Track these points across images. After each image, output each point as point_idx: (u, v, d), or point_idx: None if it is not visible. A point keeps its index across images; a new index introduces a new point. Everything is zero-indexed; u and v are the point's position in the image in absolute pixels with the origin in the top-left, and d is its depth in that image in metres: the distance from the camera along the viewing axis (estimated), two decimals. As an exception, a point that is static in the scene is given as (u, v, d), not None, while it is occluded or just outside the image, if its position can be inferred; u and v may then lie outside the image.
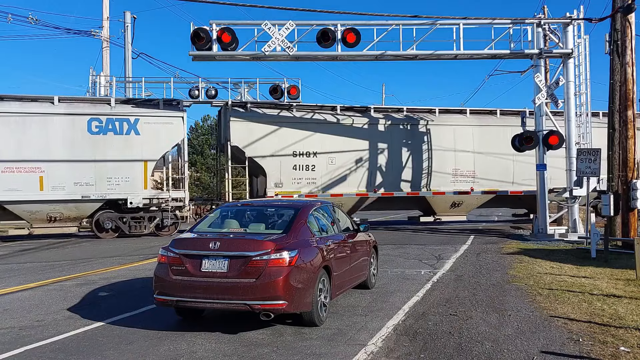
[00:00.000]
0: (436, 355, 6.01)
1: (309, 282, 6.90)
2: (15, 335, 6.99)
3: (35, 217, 19.76)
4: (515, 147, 19.28)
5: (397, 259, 13.45)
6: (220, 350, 6.22)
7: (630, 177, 14.98)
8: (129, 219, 20.44)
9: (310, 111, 22.79)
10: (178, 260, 6.93)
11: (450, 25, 17.83)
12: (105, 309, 8.40)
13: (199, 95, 21.39)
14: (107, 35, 27.87)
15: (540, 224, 18.08)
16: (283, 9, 33.68)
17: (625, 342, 6.37)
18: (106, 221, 20.21)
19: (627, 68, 15.17)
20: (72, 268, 12.84)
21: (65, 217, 20.05)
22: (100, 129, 20.08)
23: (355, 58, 18.52)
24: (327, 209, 8.72)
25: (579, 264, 12.39)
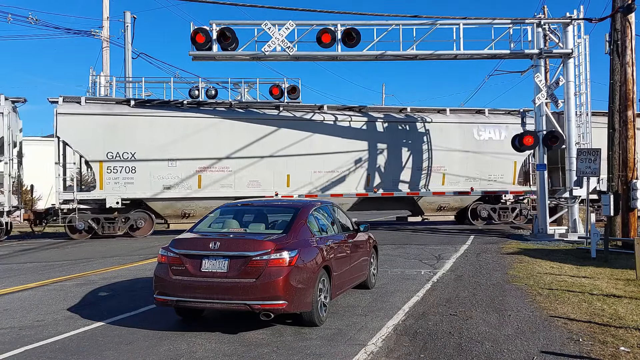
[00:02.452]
0: (436, 355, 6.01)
1: (309, 282, 6.90)
2: (15, 335, 6.99)
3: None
4: (515, 147, 19.28)
5: (397, 259, 13.45)
6: (220, 350, 6.22)
7: (630, 177, 14.98)
8: None
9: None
10: (178, 260, 6.94)
11: (450, 25, 17.83)
12: (105, 309, 8.41)
13: (199, 95, 21.33)
14: (107, 35, 27.88)
15: (540, 224, 18.08)
16: (283, 9, 33.57)
17: (625, 342, 6.37)
18: None
19: (627, 68, 15.17)
20: (72, 268, 12.84)
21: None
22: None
23: (355, 58, 18.51)
24: (327, 209, 8.72)
25: (579, 264, 12.39)
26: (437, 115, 23.66)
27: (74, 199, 19.50)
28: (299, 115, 22.29)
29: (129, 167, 20.11)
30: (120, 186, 20.00)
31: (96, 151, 19.95)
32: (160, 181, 20.41)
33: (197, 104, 21.23)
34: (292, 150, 21.64)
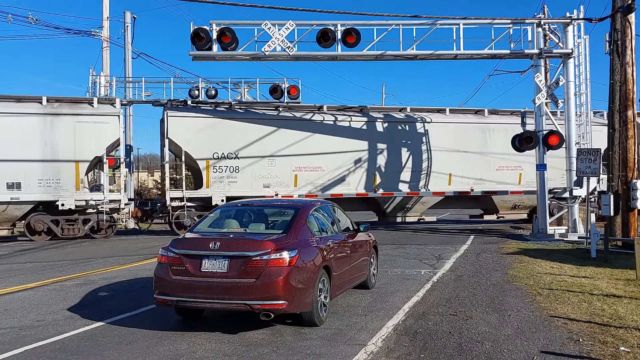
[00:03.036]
0: (436, 355, 6.01)
1: (309, 282, 6.90)
2: (15, 335, 6.99)
3: None
4: (515, 147, 19.29)
5: (397, 259, 13.45)
6: (220, 350, 6.22)
7: (630, 177, 14.98)
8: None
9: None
10: (178, 260, 6.94)
11: (450, 25, 17.83)
12: (105, 309, 8.41)
13: (199, 95, 21.38)
14: (107, 35, 27.89)
15: (540, 224, 18.09)
16: (283, 9, 33.71)
17: (625, 342, 6.37)
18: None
19: (627, 68, 15.17)
20: (72, 268, 12.85)
21: None
22: None
23: (355, 58, 18.51)
24: (327, 209, 8.72)
25: (579, 264, 12.39)
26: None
27: (183, 197, 20.51)
28: (381, 116, 23.09)
29: (233, 166, 21.18)
30: (225, 185, 21.04)
31: (203, 151, 20.93)
32: (260, 180, 21.45)
33: (289, 107, 22.30)
34: (382, 153, 22.82)
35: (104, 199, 19.87)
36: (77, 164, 19.49)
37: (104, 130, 19.95)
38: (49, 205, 19.51)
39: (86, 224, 19.88)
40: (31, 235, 19.52)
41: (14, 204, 19.00)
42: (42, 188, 19.16)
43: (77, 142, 19.52)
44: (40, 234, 19.59)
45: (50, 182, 19.23)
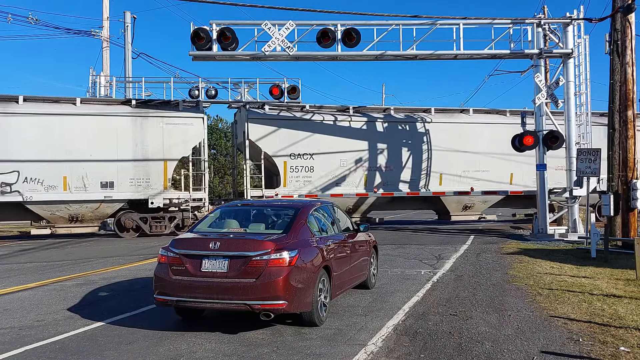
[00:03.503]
0: (436, 355, 6.01)
1: (309, 282, 6.90)
2: (15, 335, 6.99)
3: None
4: (515, 147, 19.29)
5: (397, 259, 13.45)
6: (220, 350, 6.22)
7: (630, 177, 14.98)
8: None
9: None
10: (178, 260, 6.93)
11: (450, 25, 17.83)
12: (105, 309, 8.40)
13: (199, 95, 21.42)
14: (107, 35, 27.90)
15: (540, 224, 18.08)
16: (283, 9, 33.67)
17: (625, 342, 6.37)
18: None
19: (627, 68, 15.17)
20: (72, 268, 12.85)
21: None
22: None
23: (355, 58, 18.51)
24: (327, 209, 8.72)
25: (579, 264, 12.39)
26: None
27: (262, 195, 21.57)
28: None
29: (308, 166, 22.15)
30: (300, 184, 22.10)
31: (281, 152, 21.97)
32: (332, 179, 22.40)
33: (356, 111, 23.21)
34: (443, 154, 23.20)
35: (189, 197, 20.91)
36: (165, 163, 20.51)
37: (189, 132, 20.93)
38: (136, 203, 20.50)
39: (172, 222, 20.85)
40: (120, 232, 20.48)
41: (107, 202, 19.96)
42: (133, 187, 20.18)
43: (165, 143, 20.52)
44: (128, 231, 20.59)
45: (141, 181, 20.26)
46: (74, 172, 19.40)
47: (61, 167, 19.23)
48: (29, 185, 18.96)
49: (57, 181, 19.26)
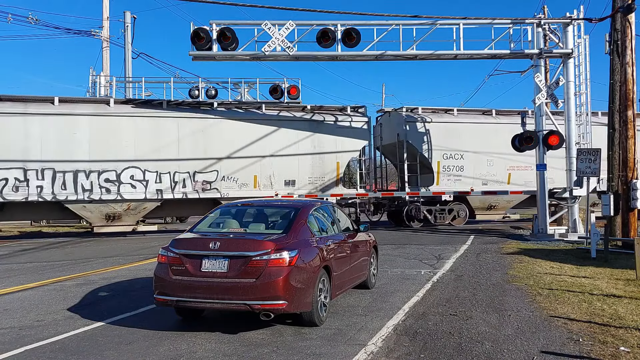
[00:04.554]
0: (436, 355, 6.01)
1: (309, 282, 6.90)
2: (15, 335, 6.99)
3: None
4: (515, 147, 19.28)
5: (397, 259, 13.45)
6: (220, 350, 6.22)
7: (630, 177, 14.98)
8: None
9: None
10: (178, 260, 6.93)
11: (450, 25, 17.83)
12: (105, 309, 8.40)
13: (199, 95, 21.37)
14: (107, 35, 27.89)
15: (540, 224, 18.08)
16: (283, 9, 33.73)
17: (625, 342, 6.37)
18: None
19: (627, 68, 15.17)
20: (72, 268, 12.84)
21: None
22: None
23: (355, 58, 18.51)
24: (327, 209, 8.72)
25: (579, 264, 12.38)
26: None
27: (418, 193, 23.28)
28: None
29: (458, 165, 23.63)
30: (451, 182, 23.53)
31: (435, 152, 23.44)
32: (479, 178, 23.80)
33: (498, 112, 24.74)
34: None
35: (355, 194, 22.90)
36: (337, 163, 22.40)
37: (357, 134, 22.84)
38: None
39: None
40: None
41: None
42: (310, 185, 22.23)
43: (337, 145, 22.44)
44: None
45: (317, 179, 22.34)
46: (263, 172, 21.61)
47: (253, 168, 21.44)
48: (225, 183, 21.18)
49: (249, 179, 21.49)
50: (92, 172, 19.61)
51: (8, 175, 18.86)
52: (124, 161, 20.00)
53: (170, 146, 20.59)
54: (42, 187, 19.16)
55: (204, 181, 20.80)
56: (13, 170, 18.93)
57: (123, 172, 19.97)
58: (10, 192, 18.90)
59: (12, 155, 18.92)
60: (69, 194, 19.41)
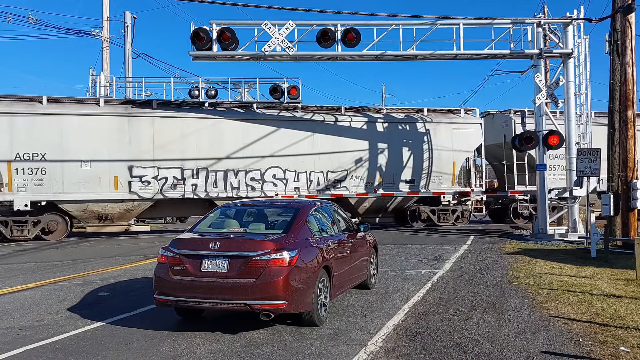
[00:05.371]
0: (436, 355, 6.01)
1: (309, 282, 6.90)
2: (15, 335, 6.99)
3: None
4: (515, 147, 19.29)
5: (397, 259, 13.45)
6: (220, 350, 6.22)
7: (630, 177, 14.97)
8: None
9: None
10: (178, 260, 6.93)
11: (450, 25, 17.83)
12: (105, 309, 8.40)
13: (199, 95, 21.35)
14: (107, 35, 27.89)
15: (540, 224, 18.08)
16: (283, 9, 33.66)
17: (625, 342, 6.37)
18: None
19: (627, 68, 15.16)
20: (72, 268, 12.84)
21: None
22: None
23: (355, 58, 18.51)
24: (327, 209, 8.72)
25: (579, 264, 12.38)
26: None
27: (526, 191, 23.39)
28: None
29: (561, 165, 22.80)
30: (556, 180, 23.03)
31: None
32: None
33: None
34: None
35: (470, 192, 23.47)
36: (453, 163, 23.16)
37: (470, 136, 23.59)
38: (425, 197, 23.24)
39: (454, 214, 23.31)
40: (411, 221, 23.24)
41: (408, 196, 22.98)
42: (427, 183, 23.19)
43: (453, 146, 23.22)
44: (417, 221, 23.28)
45: (435, 178, 23.21)
46: (386, 172, 22.64)
47: (373, 168, 22.61)
48: (353, 182, 22.50)
49: (374, 179, 22.63)
50: (240, 172, 21.19)
51: (168, 175, 20.41)
52: (266, 159, 21.64)
53: (305, 148, 22.19)
54: (196, 185, 20.72)
55: (334, 180, 22.32)
56: (173, 169, 20.48)
57: (266, 171, 21.52)
58: (169, 190, 20.49)
59: (172, 155, 20.51)
60: (219, 191, 20.94)
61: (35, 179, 19.17)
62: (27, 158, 19.10)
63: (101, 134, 19.80)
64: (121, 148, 19.96)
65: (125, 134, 20.07)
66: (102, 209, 19.98)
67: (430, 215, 23.15)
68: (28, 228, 19.36)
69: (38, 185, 19.21)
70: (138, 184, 20.21)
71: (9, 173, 18.97)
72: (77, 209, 19.97)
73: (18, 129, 19.06)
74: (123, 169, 20.05)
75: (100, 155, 19.68)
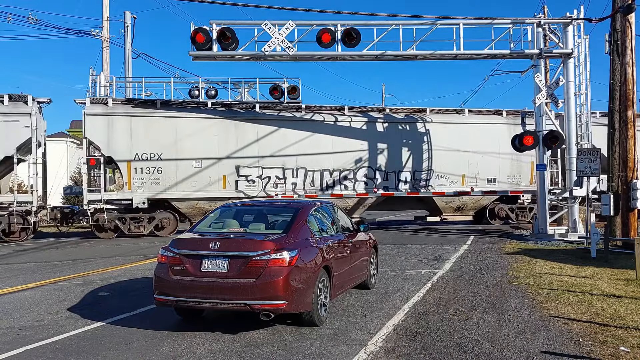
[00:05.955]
0: (436, 355, 6.01)
1: (309, 282, 6.90)
2: (15, 335, 6.99)
3: None
4: (515, 147, 19.28)
5: (397, 259, 13.45)
6: (220, 350, 6.22)
7: (630, 177, 14.97)
8: None
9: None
10: (178, 260, 6.93)
11: (450, 25, 17.83)
12: (105, 309, 8.41)
13: (199, 95, 21.41)
14: (107, 35, 27.86)
15: (540, 224, 18.08)
16: (283, 9, 33.75)
17: (625, 342, 6.37)
18: None
19: (627, 68, 15.16)
20: (72, 268, 12.84)
21: None
22: None
23: (355, 58, 18.51)
24: (327, 209, 8.71)
25: (579, 264, 12.38)
26: None
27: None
28: None
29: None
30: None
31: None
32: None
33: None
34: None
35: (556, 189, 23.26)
36: (532, 164, 22.32)
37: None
38: (505, 197, 23.88)
39: (531, 212, 23.45)
40: (490, 219, 23.77)
41: (488, 195, 23.58)
42: (507, 183, 23.81)
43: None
44: (495, 219, 23.81)
45: (514, 178, 23.87)
46: (470, 171, 23.44)
47: (460, 166, 23.32)
48: (438, 181, 23.33)
49: (458, 178, 23.51)
50: (334, 171, 22.35)
51: (271, 174, 21.81)
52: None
53: (394, 149, 23.14)
54: (295, 184, 22.09)
55: (421, 179, 23.21)
56: (275, 169, 21.84)
57: (358, 171, 22.50)
58: (271, 188, 21.84)
59: (275, 156, 21.91)
60: (316, 189, 22.23)
61: (152, 178, 20.57)
62: (145, 158, 20.47)
63: (211, 137, 21.13)
64: (229, 149, 21.24)
65: (232, 136, 21.40)
66: (210, 206, 20.48)
67: (508, 214, 23.79)
68: (143, 224, 20.54)
69: (154, 183, 20.59)
70: (244, 182, 21.54)
71: (128, 172, 20.38)
72: (187, 206, 20.99)
73: (137, 131, 20.45)
74: (231, 169, 21.39)
75: (210, 156, 21.04)
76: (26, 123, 19.89)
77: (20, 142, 19.99)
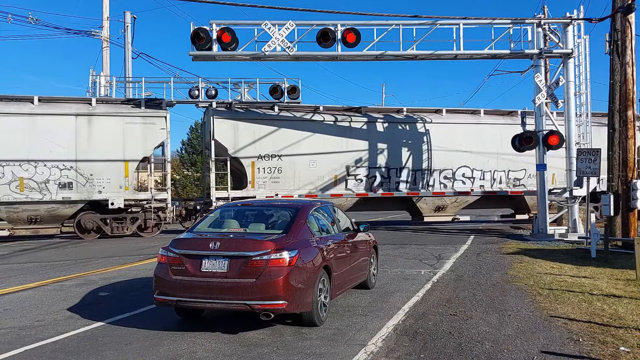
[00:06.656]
0: (436, 355, 6.01)
1: (309, 282, 6.90)
2: (15, 335, 6.99)
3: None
4: (515, 147, 19.28)
5: (397, 259, 13.45)
6: (220, 350, 6.22)
7: (630, 177, 14.97)
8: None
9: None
10: (178, 260, 6.93)
11: (450, 25, 17.82)
12: (105, 309, 8.40)
13: (199, 95, 21.42)
14: (107, 35, 27.87)
15: (540, 224, 18.08)
16: (283, 9, 33.65)
17: (625, 342, 6.37)
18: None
19: (627, 68, 15.16)
20: (72, 268, 12.84)
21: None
22: None
23: (355, 58, 18.51)
24: (327, 209, 8.71)
25: (579, 264, 12.38)
26: None
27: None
28: None
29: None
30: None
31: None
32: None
33: None
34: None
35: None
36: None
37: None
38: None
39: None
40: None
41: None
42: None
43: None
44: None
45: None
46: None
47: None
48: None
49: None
50: (434, 171, 23.31)
51: (377, 174, 22.85)
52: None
53: (488, 147, 23.77)
54: (398, 182, 23.14)
55: (514, 178, 23.95)
56: (381, 169, 22.91)
57: (457, 170, 23.48)
58: (376, 187, 22.83)
59: (380, 157, 22.91)
60: (417, 188, 23.21)
61: (273, 177, 21.85)
62: (267, 158, 21.69)
63: (324, 139, 22.34)
64: (340, 149, 22.41)
65: (342, 138, 22.61)
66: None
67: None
68: None
69: (275, 182, 21.84)
70: (353, 181, 22.71)
71: (252, 172, 21.57)
72: None
73: (260, 132, 21.68)
74: (342, 168, 22.54)
75: (323, 157, 22.26)
76: (162, 125, 21.00)
77: (157, 143, 21.18)
